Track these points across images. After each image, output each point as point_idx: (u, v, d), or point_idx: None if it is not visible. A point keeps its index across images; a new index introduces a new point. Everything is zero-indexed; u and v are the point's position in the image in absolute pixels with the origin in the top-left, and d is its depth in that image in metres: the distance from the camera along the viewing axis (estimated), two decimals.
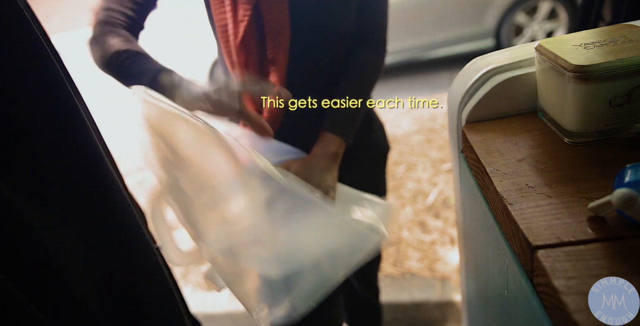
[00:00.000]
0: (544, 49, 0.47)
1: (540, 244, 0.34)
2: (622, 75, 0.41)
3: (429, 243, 1.89)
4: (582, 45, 0.44)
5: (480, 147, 0.50)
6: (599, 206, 0.34)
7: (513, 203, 0.39)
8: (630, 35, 0.45)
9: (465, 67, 0.61)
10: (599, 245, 0.33)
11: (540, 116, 0.53)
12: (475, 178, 0.52)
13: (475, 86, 0.56)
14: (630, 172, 0.34)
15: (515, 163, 0.45)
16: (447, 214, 2.04)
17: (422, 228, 1.99)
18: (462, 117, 0.58)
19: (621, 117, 0.44)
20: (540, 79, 0.51)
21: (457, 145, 0.62)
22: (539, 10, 3.38)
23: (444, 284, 1.67)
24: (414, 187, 2.30)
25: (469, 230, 0.65)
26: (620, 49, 0.42)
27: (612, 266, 0.31)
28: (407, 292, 1.68)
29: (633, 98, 0.42)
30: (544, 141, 0.49)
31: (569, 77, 0.42)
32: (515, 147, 0.48)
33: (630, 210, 0.32)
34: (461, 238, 0.74)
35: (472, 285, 0.70)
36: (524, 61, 0.54)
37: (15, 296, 0.36)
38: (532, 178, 0.42)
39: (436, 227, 1.98)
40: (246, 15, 0.78)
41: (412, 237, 1.95)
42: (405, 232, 1.99)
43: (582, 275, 0.31)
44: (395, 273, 1.77)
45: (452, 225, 1.96)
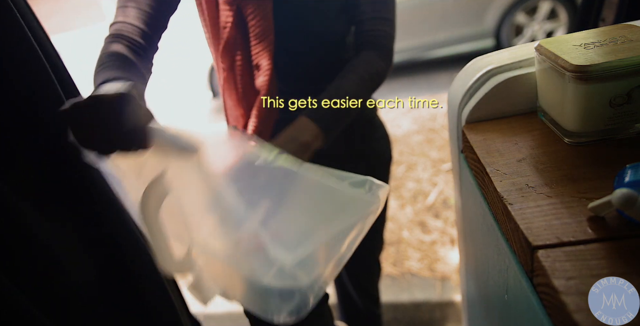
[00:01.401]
0: (544, 49, 0.47)
1: (540, 244, 0.34)
2: (622, 75, 0.41)
3: (429, 243, 1.89)
4: (582, 45, 0.44)
5: (480, 147, 0.50)
6: (599, 206, 0.34)
7: (513, 203, 0.39)
8: (630, 35, 0.45)
9: (465, 67, 0.61)
10: (599, 245, 0.33)
11: (540, 116, 0.53)
12: (475, 178, 0.52)
13: (475, 86, 0.56)
14: (630, 172, 0.34)
15: (515, 163, 0.45)
16: (447, 214, 2.04)
17: (422, 228, 1.99)
18: (462, 117, 0.58)
19: (621, 117, 0.44)
20: (540, 79, 0.51)
21: (457, 145, 0.62)
22: (539, 10, 3.38)
23: (444, 284, 1.66)
24: (414, 187, 2.30)
25: (469, 230, 0.65)
26: (620, 49, 0.42)
27: (612, 266, 0.31)
28: (407, 292, 1.68)
29: (633, 98, 0.42)
30: (544, 141, 0.49)
31: (569, 77, 0.42)
32: (515, 147, 0.48)
33: (630, 210, 0.32)
34: (461, 238, 0.74)
35: (472, 285, 0.70)
36: (524, 61, 0.54)
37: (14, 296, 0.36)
38: (532, 178, 0.42)
39: (436, 227, 1.98)
40: (228, 22, 0.76)
41: (412, 237, 1.95)
42: (405, 232, 1.98)
43: (582, 275, 0.31)
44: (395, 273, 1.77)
45: (452, 225, 1.96)
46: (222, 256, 0.56)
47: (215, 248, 0.56)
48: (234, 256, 0.56)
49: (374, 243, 1.12)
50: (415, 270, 1.77)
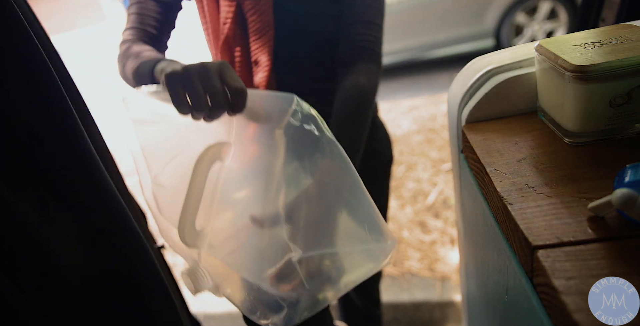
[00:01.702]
0: (544, 49, 0.47)
1: (540, 244, 0.34)
2: (622, 75, 0.41)
3: (429, 243, 1.89)
4: (582, 45, 0.44)
5: (480, 147, 0.50)
6: (599, 206, 0.34)
7: (513, 203, 0.39)
8: (630, 35, 0.45)
9: (465, 67, 0.61)
10: (599, 245, 0.33)
11: (540, 116, 0.53)
12: (475, 178, 0.52)
13: (475, 86, 0.56)
14: (630, 172, 0.34)
15: (515, 163, 0.45)
16: (447, 214, 2.04)
17: (422, 228, 1.99)
18: (462, 117, 0.58)
19: (621, 117, 0.44)
20: (540, 79, 0.51)
21: (457, 145, 0.62)
22: (539, 10, 3.38)
23: (444, 284, 1.67)
24: (414, 187, 2.30)
25: (469, 230, 0.65)
26: (620, 49, 0.42)
27: (612, 266, 0.31)
28: (407, 292, 1.68)
29: (633, 98, 0.42)
30: (544, 141, 0.49)
31: (569, 77, 0.42)
32: (515, 147, 0.48)
33: (630, 210, 0.32)
34: (461, 238, 0.74)
35: (472, 285, 0.70)
36: (524, 61, 0.54)
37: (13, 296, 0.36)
38: (532, 178, 0.42)
39: (436, 227, 1.98)
40: (229, 17, 0.77)
41: (412, 237, 1.95)
42: (405, 232, 1.99)
43: (582, 275, 0.31)
44: (395, 273, 1.77)
45: (452, 225, 1.96)
46: (225, 251, 0.56)
47: (222, 241, 0.56)
48: (236, 254, 0.56)
49: None
50: (415, 270, 1.77)
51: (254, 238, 0.54)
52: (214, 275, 0.56)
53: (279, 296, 0.53)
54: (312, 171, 0.52)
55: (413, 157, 2.58)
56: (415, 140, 2.78)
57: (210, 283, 0.56)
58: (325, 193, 0.53)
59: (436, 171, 2.40)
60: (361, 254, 0.56)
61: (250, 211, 0.53)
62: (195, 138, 0.55)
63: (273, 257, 0.52)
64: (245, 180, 0.57)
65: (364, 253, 0.56)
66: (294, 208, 0.52)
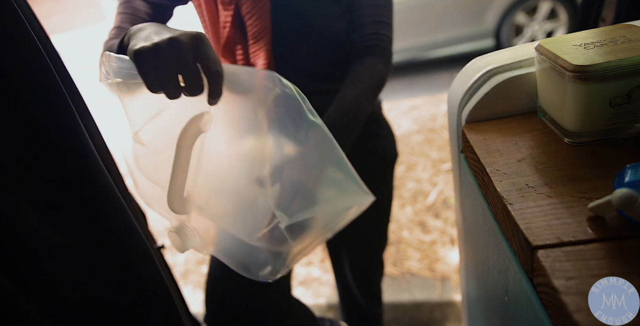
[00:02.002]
0: (544, 49, 0.47)
1: (540, 244, 0.34)
2: (622, 75, 0.41)
3: (429, 243, 1.89)
4: (582, 45, 0.44)
5: (480, 147, 0.50)
6: (599, 206, 0.34)
7: (513, 203, 0.39)
8: (630, 35, 0.45)
9: (465, 67, 0.61)
10: (599, 245, 0.33)
11: (540, 116, 0.53)
12: (475, 178, 0.52)
13: (475, 86, 0.56)
14: (630, 172, 0.34)
15: (515, 163, 0.45)
16: (447, 214, 2.04)
17: (422, 228, 1.99)
18: (462, 117, 0.58)
19: (621, 117, 0.44)
20: (540, 79, 0.51)
21: (457, 145, 0.62)
22: (539, 10, 3.38)
23: (444, 284, 1.66)
24: (414, 187, 2.30)
25: (469, 230, 0.65)
26: (620, 49, 0.42)
27: (612, 266, 0.31)
28: (407, 292, 1.68)
29: (633, 98, 0.42)
30: (544, 141, 0.49)
31: (569, 77, 0.42)
32: (515, 147, 0.48)
33: (630, 210, 0.32)
34: (461, 238, 0.74)
35: (472, 285, 0.70)
36: (524, 61, 0.54)
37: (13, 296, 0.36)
38: (532, 178, 0.42)
39: (436, 227, 1.98)
40: (227, 21, 0.77)
41: (412, 237, 1.95)
42: (405, 232, 1.99)
43: (582, 275, 0.31)
44: (395, 273, 1.77)
45: (452, 225, 1.96)
46: (217, 210, 0.57)
47: (214, 198, 0.57)
48: (228, 213, 0.57)
49: (379, 241, 1.13)
50: (415, 270, 1.77)
51: (243, 201, 0.56)
52: (202, 232, 0.57)
53: (268, 252, 0.55)
54: (296, 141, 0.53)
55: (413, 157, 2.58)
56: (415, 140, 2.78)
57: (198, 241, 0.57)
58: (308, 163, 0.55)
59: (436, 171, 2.40)
60: (336, 193, 0.59)
61: (238, 175, 0.55)
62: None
63: (261, 219, 0.54)
64: (228, 148, 0.58)
65: (340, 193, 0.59)
66: (279, 175, 0.53)
